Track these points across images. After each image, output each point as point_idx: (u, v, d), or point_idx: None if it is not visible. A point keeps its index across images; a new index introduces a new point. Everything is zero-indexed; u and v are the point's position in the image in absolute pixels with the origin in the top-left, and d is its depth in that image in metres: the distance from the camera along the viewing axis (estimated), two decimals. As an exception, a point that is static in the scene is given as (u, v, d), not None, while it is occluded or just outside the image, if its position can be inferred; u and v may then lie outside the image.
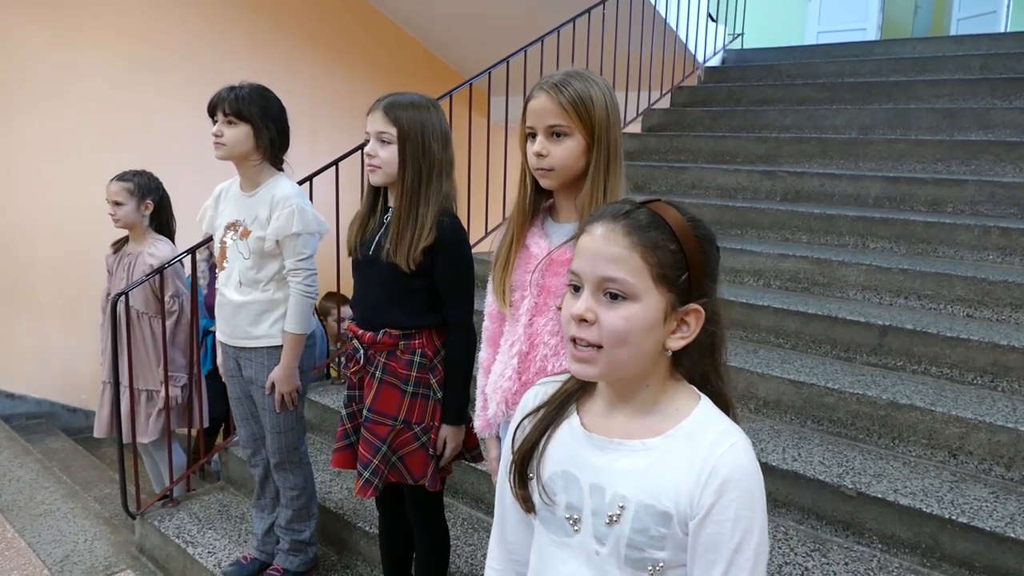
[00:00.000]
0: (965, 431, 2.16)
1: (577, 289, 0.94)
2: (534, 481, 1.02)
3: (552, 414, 1.04)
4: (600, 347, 0.91)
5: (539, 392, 1.10)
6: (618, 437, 0.97)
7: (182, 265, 2.96)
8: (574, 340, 0.92)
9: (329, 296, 3.93)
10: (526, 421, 1.07)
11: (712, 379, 1.01)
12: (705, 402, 0.98)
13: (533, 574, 1.07)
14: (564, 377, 1.08)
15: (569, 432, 1.02)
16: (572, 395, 1.04)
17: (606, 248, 0.91)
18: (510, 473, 1.06)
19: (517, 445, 1.05)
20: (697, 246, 0.93)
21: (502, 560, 1.15)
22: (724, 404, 1.00)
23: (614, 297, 0.90)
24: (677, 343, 0.94)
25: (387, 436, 1.83)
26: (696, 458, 0.91)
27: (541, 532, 1.04)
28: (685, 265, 0.92)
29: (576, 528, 0.98)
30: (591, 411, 1.02)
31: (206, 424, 3.31)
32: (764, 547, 0.92)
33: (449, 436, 1.85)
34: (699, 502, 0.90)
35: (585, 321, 0.91)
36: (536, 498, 1.02)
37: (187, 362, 2.98)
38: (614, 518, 0.94)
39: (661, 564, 0.93)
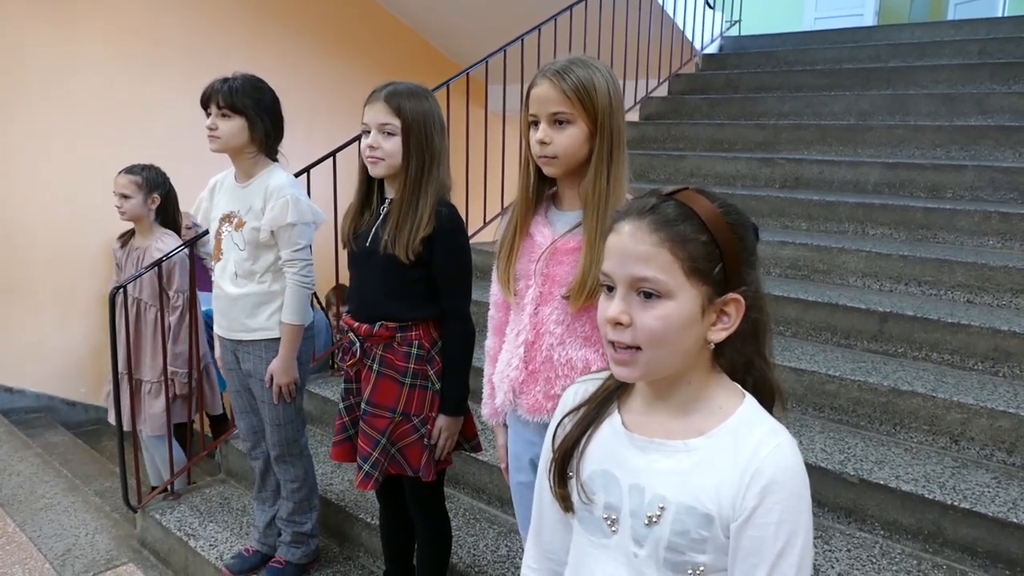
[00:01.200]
0: (966, 417, 2.16)
1: (611, 290, 0.91)
2: (573, 480, 1.00)
3: (593, 413, 1.02)
4: (639, 348, 0.89)
5: (579, 390, 1.08)
6: (659, 437, 0.95)
7: (189, 259, 2.95)
8: (612, 343, 0.90)
9: (335, 290, 3.92)
10: (567, 419, 1.04)
11: (757, 364, 0.97)
12: (749, 400, 0.95)
13: (570, 574, 1.05)
14: (604, 375, 1.05)
15: (610, 431, 0.99)
16: (613, 393, 1.02)
17: (634, 247, 0.88)
18: (550, 472, 1.03)
19: (558, 443, 1.03)
20: (730, 234, 0.90)
21: (539, 559, 1.13)
22: (769, 391, 0.98)
23: (648, 296, 0.88)
24: (719, 335, 0.91)
25: (386, 429, 1.82)
26: (740, 459, 0.89)
27: (579, 532, 1.02)
28: (719, 256, 0.89)
29: (614, 529, 0.96)
30: (632, 409, 1.00)
31: (219, 411, 3.33)
32: (809, 552, 0.89)
33: (444, 426, 1.84)
34: (742, 504, 0.87)
35: (620, 324, 0.89)
36: (575, 497, 1.00)
37: (188, 357, 2.98)
38: (653, 519, 0.92)
39: (702, 568, 0.91)
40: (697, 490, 0.90)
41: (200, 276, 3.28)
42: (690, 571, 0.91)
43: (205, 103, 2.11)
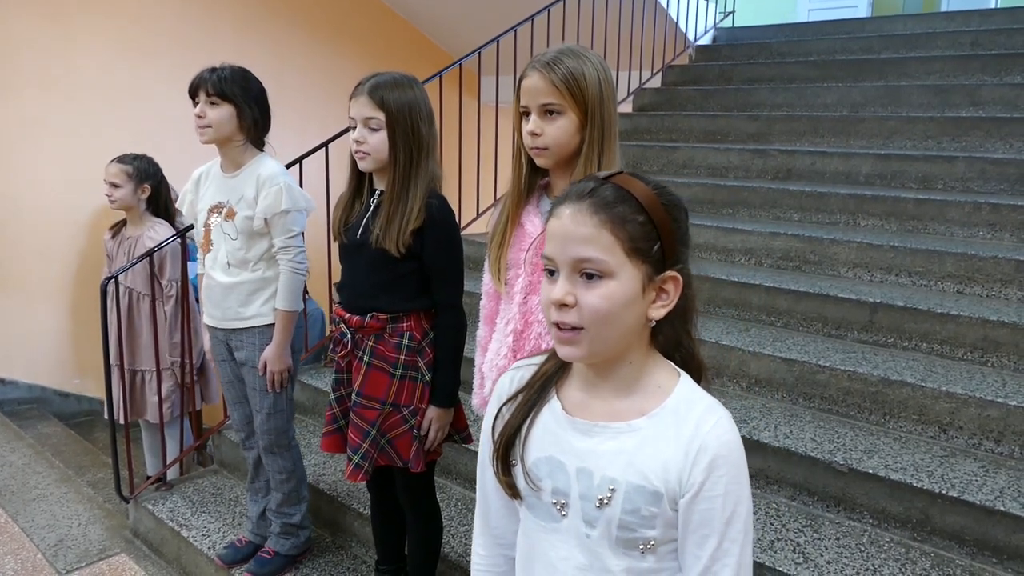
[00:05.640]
0: (955, 406, 2.18)
1: (552, 273, 0.93)
2: (518, 467, 1.02)
3: (532, 398, 1.03)
4: (583, 328, 0.91)
5: (515, 377, 1.08)
6: (601, 420, 0.97)
7: (183, 249, 2.95)
8: (557, 324, 0.92)
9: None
10: (504, 408, 1.06)
11: (684, 342, 1.01)
12: (685, 378, 0.99)
13: (522, 560, 1.07)
14: (539, 359, 1.07)
15: (551, 416, 1.01)
16: (551, 378, 1.04)
17: (575, 229, 0.91)
18: (493, 460, 1.05)
19: (498, 432, 1.04)
20: (666, 214, 0.93)
21: (488, 546, 1.14)
22: (696, 365, 1.02)
23: (590, 277, 0.90)
24: (659, 312, 0.94)
25: (376, 420, 1.82)
26: (683, 436, 0.93)
27: (528, 518, 1.04)
28: (656, 235, 0.92)
29: (563, 513, 0.98)
30: (571, 393, 1.02)
31: (215, 401, 3.34)
32: (750, 516, 0.95)
33: (435, 418, 1.85)
34: (688, 480, 0.92)
35: (565, 305, 0.91)
36: (521, 484, 1.01)
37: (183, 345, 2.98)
38: (604, 501, 0.95)
39: (652, 542, 0.94)
40: (644, 469, 0.93)
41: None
42: (641, 546, 0.95)
43: (193, 92, 2.11)
